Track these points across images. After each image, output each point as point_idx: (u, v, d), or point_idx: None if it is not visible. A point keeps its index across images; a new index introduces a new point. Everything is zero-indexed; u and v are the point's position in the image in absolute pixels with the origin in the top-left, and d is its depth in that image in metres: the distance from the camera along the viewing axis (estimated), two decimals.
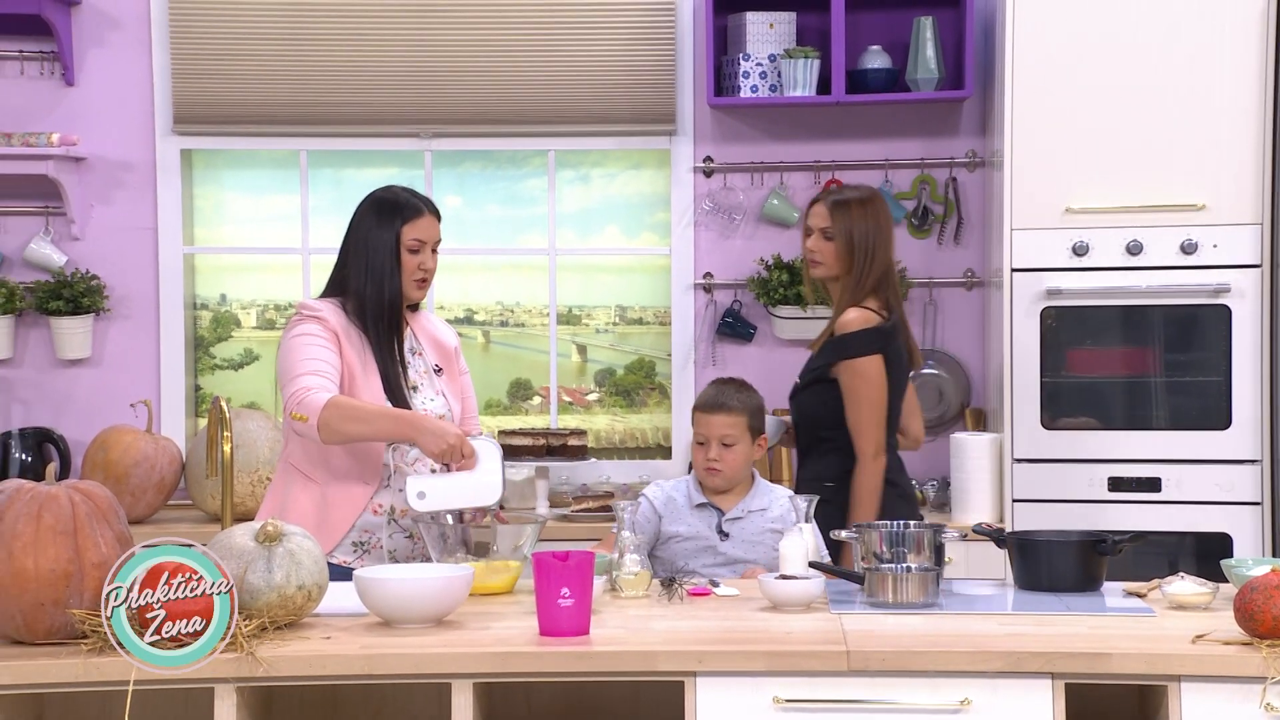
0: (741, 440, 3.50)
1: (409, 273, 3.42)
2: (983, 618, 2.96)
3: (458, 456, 3.23)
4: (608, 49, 4.82)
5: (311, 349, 3.33)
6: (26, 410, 4.86)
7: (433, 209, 3.48)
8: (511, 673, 2.72)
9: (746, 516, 3.51)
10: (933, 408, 4.83)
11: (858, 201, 3.84)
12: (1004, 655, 2.69)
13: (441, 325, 3.63)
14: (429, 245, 3.44)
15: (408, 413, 3.32)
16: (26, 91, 4.81)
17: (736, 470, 3.50)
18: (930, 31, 4.64)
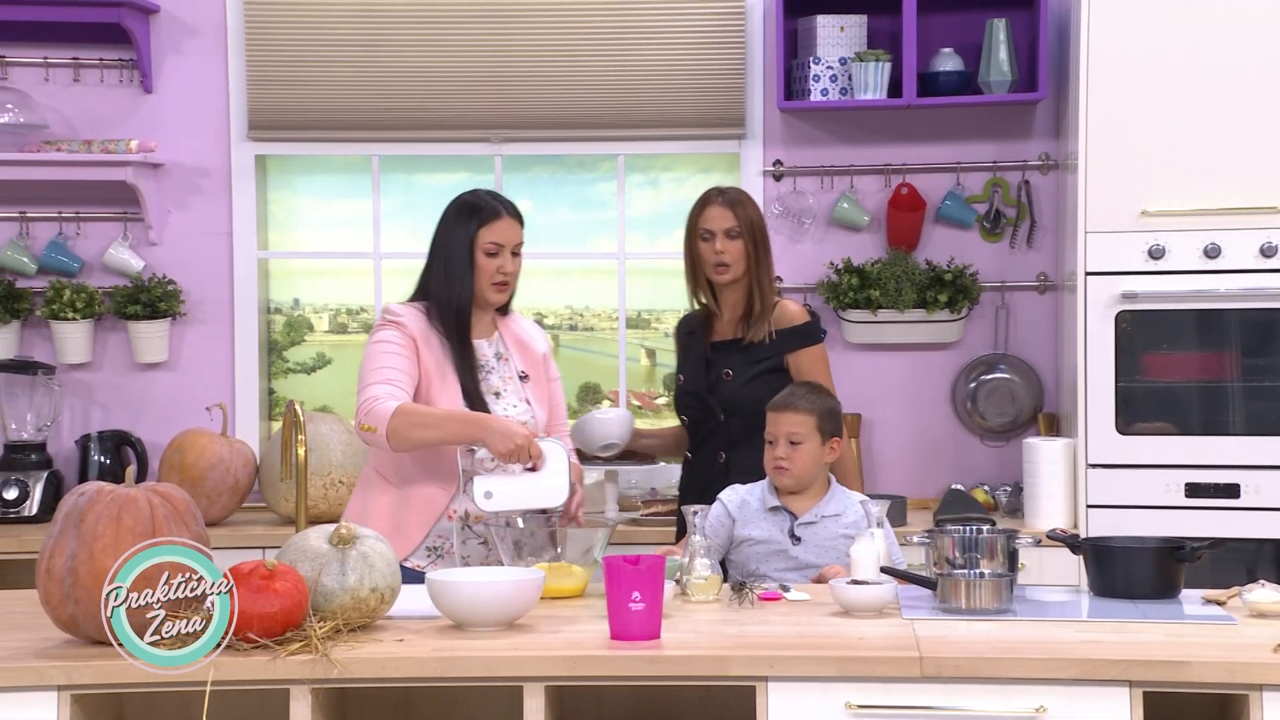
0: (809, 440, 3.49)
1: (486, 276, 3.42)
2: (1058, 624, 2.93)
3: (525, 457, 3.23)
4: (678, 53, 4.82)
5: (384, 357, 3.36)
6: (105, 413, 4.92)
7: (513, 211, 3.48)
8: (583, 676, 2.72)
9: (819, 521, 3.49)
10: (1005, 412, 4.80)
11: (747, 196, 3.91)
12: (1080, 663, 2.66)
13: (532, 330, 3.63)
14: (507, 248, 3.44)
15: (476, 414, 3.32)
16: (106, 99, 4.87)
17: (805, 470, 3.49)
18: (1003, 33, 4.60)
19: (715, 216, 3.87)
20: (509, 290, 3.49)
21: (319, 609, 2.78)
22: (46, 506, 4.62)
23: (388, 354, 3.37)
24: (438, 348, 3.41)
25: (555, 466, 3.25)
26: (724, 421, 3.86)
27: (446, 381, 3.39)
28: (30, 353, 4.85)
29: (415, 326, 3.41)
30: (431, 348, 3.40)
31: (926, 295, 4.72)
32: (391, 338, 3.39)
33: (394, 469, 3.42)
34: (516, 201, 3.63)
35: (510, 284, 3.48)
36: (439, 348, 3.41)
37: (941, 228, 4.85)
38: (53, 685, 2.64)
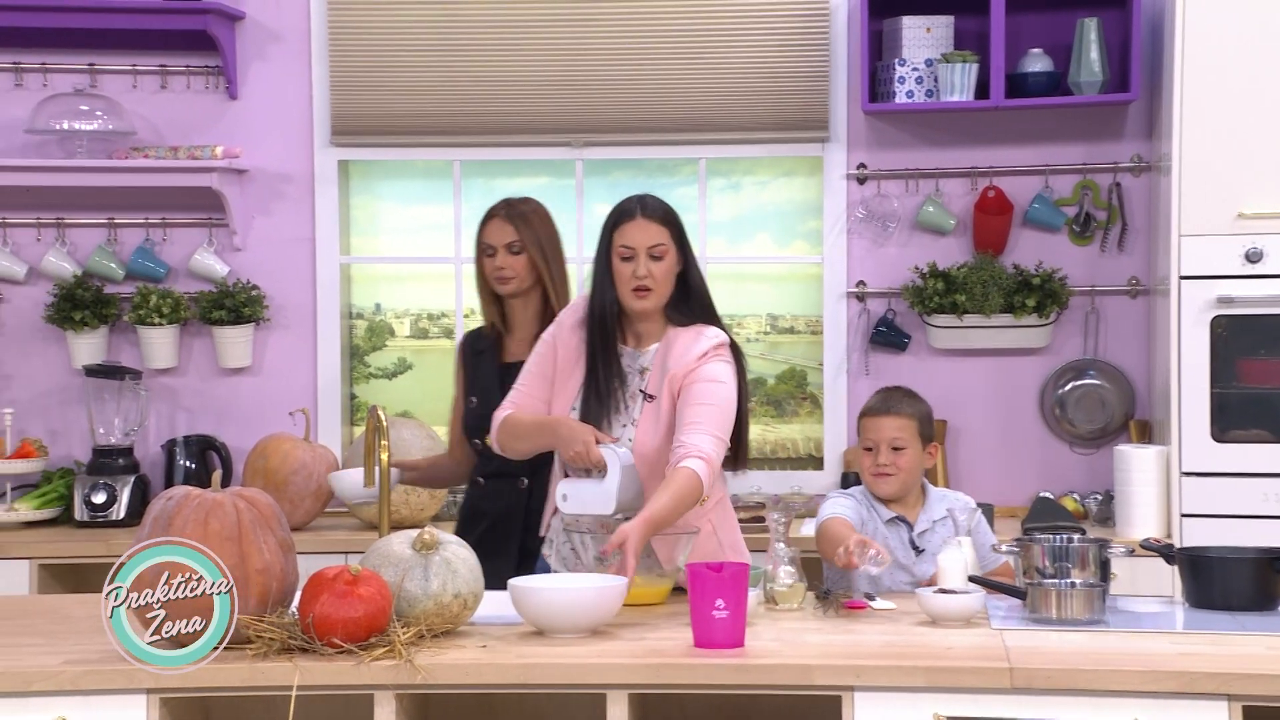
0: (911, 445, 3.44)
1: (623, 281, 3.26)
2: (1152, 636, 2.88)
3: (586, 462, 3.22)
4: (760, 55, 4.79)
5: (529, 360, 3.41)
6: (190, 418, 4.96)
7: (651, 211, 3.27)
8: (666, 684, 2.70)
9: (932, 528, 3.45)
10: (1095, 419, 4.74)
11: (535, 208, 3.74)
12: (1177, 675, 2.61)
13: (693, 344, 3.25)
14: (642, 252, 3.23)
15: (550, 419, 3.31)
16: (193, 106, 4.91)
17: (909, 476, 3.44)
18: (1094, 33, 4.54)
19: (495, 231, 3.68)
20: (652, 296, 3.25)
21: (402, 614, 2.79)
22: (133, 510, 4.66)
23: (531, 359, 3.41)
24: (575, 346, 3.35)
25: (610, 475, 3.21)
26: None
27: (567, 384, 3.35)
28: (118, 358, 4.91)
29: (568, 319, 3.39)
30: (569, 344, 3.36)
31: (1014, 300, 4.67)
32: (545, 335, 3.41)
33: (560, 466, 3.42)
34: (596, 206, 3.60)
35: (653, 288, 3.24)
36: (577, 346, 3.35)
37: (1029, 231, 4.80)
38: (141, 689, 2.67)
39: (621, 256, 3.26)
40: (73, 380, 4.91)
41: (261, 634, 2.71)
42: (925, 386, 4.64)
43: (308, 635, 2.71)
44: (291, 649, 2.71)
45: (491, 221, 3.70)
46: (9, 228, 4.91)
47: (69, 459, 4.90)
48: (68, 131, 4.76)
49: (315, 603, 2.71)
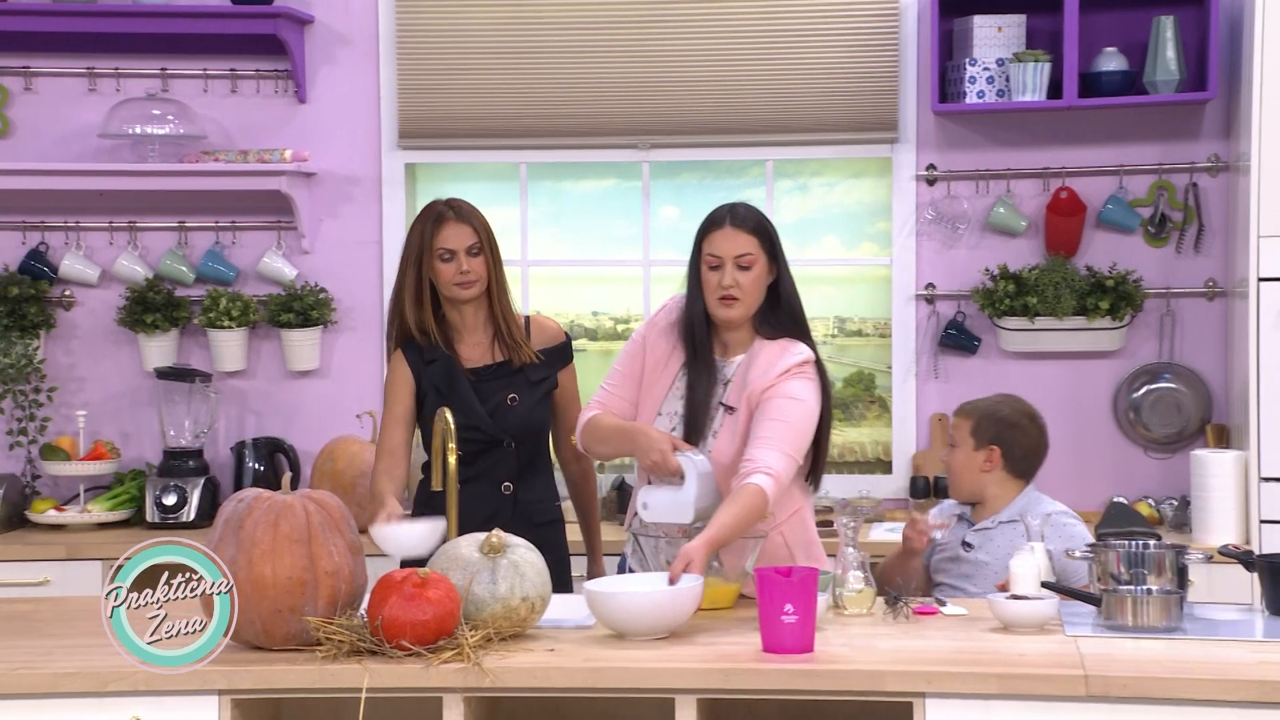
0: (962, 445, 3.51)
1: (710, 290, 3.23)
2: (1231, 644, 2.84)
3: (664, 471, 3.20)
4: (828, 56, 4.76)
5: (617, 360, 3.41)
6: (259, 420, 4.98)
7: (740, 220, 3.24)
8: (735, 689, 2.69)
9: (996, 528, 3.47)
10: (1170, 423, 4.69)
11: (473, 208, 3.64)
12: (1257, 685, 2.57)
13: (774, 358, 3.23)
14: (729, 260, 3.20)
15: (629, 426, 3.30)
16: (262, 109, 4.94)
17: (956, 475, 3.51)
18: (1171, 31, 4.48)
19: (453, 235, 3.56)
20: (739, 305, 3.22)
21: (470, 618, 2.79)
22: (203, 512, 4.69)
23: (619, 358, 3.40)
24: (665, 349, 3.34)
25: (687, 484, 3.20)
26: (513, 449, 3.60)
27: (655, 386, 3.34)
28: (188, 360, 4.94)
29: (659, 321, 3.37)
30: (659, 348, 3.34)
31: (1087, 302, 4.61)
32: (634, 336, 3.40)
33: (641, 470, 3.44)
34: (663, 209, 3.57)
35: (739, 298, 3.21)
36: (667, 350, 3.33)
37: (1103, 232, 4.74)
38: (213, 689, 2.69)
39: (709, 265, 3.24)
40: (144, 383, 4.95)
41: (331, 636, 2.72)
42: (996, 389, 4.61)
43: (376, 638, 2.72)
44: (361, 651, 2.73)
45: (446, 225, 3.54)
46: (82, 231, 4.96)
47: (140, 461, 4.94)
48: (140, 136, 4.80)
49: (384, 605, 2.72)
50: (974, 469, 3.49)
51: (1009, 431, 3.54)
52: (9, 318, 4.80)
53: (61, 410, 4.91)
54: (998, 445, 3.52)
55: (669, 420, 3.32)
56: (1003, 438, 3.53)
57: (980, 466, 3.49)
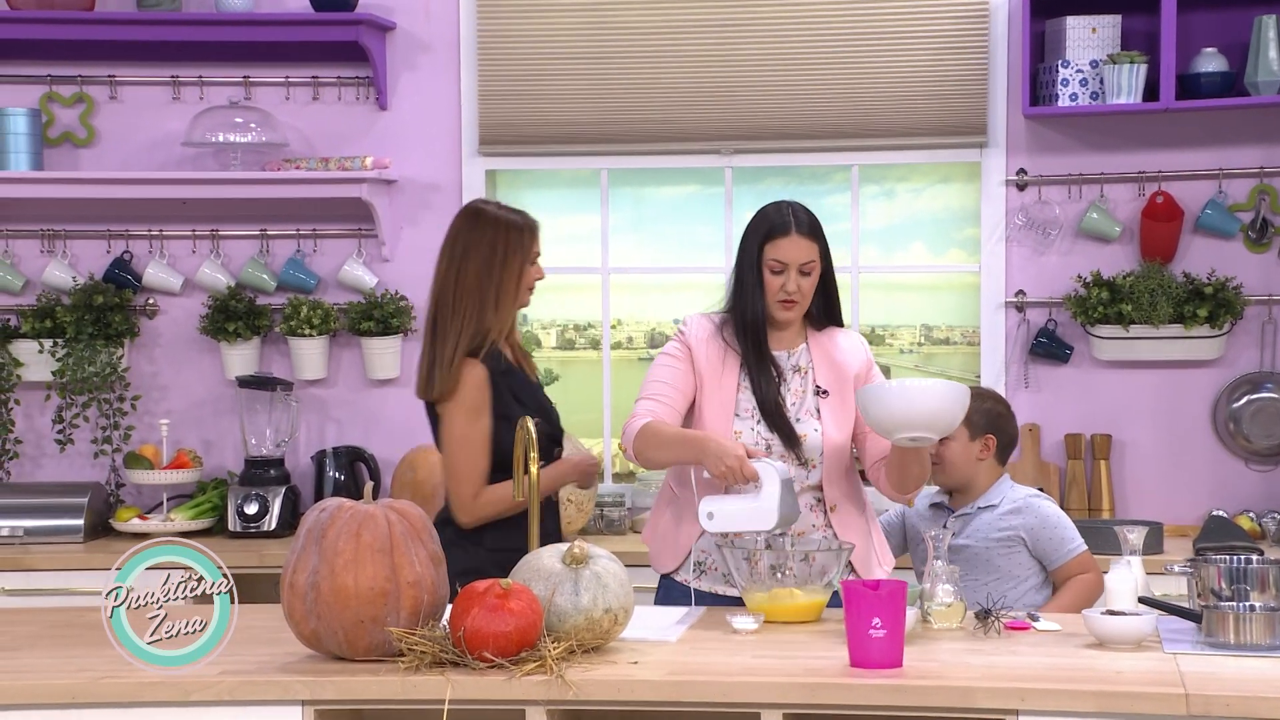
0: (956, 438, 3.58)
1: (771, 294, 3.33)
2: None
3: (738, 479, 3.17)
4: (915, 58, 4.69)
5: (656, 370, 3.41)
6: (339, 429, 4.99)
7: (805, 228, 3.33)
8: (822, 705, 2.66)
9: (975, 513, 3.61)
10: (1273, 434, 4.60)
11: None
12: None
13: (850, 344, 3.45)
14: (792, 267, 3.31)
15: (697, 434, 3.28)
16: (343, 116, 4.95)
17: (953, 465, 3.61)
18: (1273, 30, 4.38)
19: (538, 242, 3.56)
20: (797, 308, 3.35)
21: (552, 629, 2.78)
22: (285, 521, 4.70)
23: (660, 367, 3.41)
24: (716, 356, 3.38)
25: (768, 490, 3.17)
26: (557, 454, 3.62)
27: (719, 392, 3.36)
28: (269, 369, 4.95)
29: (697, 333, 3.41)
30: (710, 356, 3.38)
31: (1184, 309, 4.53)
32: (670, 350, 3.42)
33: (677, 482, 3.45)
34: (745, 214, 3.52)
35: (799, 303, 3.34)
36: (718, 356, 3.38)
37: (1201, 238, 4.64)
38: (297, 700, 2.69)
39: (773, 270, 3.33)
40: (226, 391, 4.97)
41: (413, 647, 2.72)
42: (1089, 400, 4.64)
43: (459, 649, 2.72)
44: (443, 662, 2.72)
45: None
46: (166, 240, 4.99)
47: (222, 470, 4.96)
48: (223, 144, 4.83)
49: (466, 616, 2.71)
50: (970, 458, 3.62)
51: (998, 421, 3.68)
52: (94, 326, 4.83)
53: (145, 419, 4.95)
54: (993, 434, 3.65)
55: (751, 422, 3.34)
56: (995, 427, 3.66)
57: (976, 455, 3.63)
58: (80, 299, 4.85)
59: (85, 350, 4.81)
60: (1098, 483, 4.62)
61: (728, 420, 3.33)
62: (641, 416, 3.32)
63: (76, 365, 4.80)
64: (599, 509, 4.65)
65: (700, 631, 3.06)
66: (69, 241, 4.99)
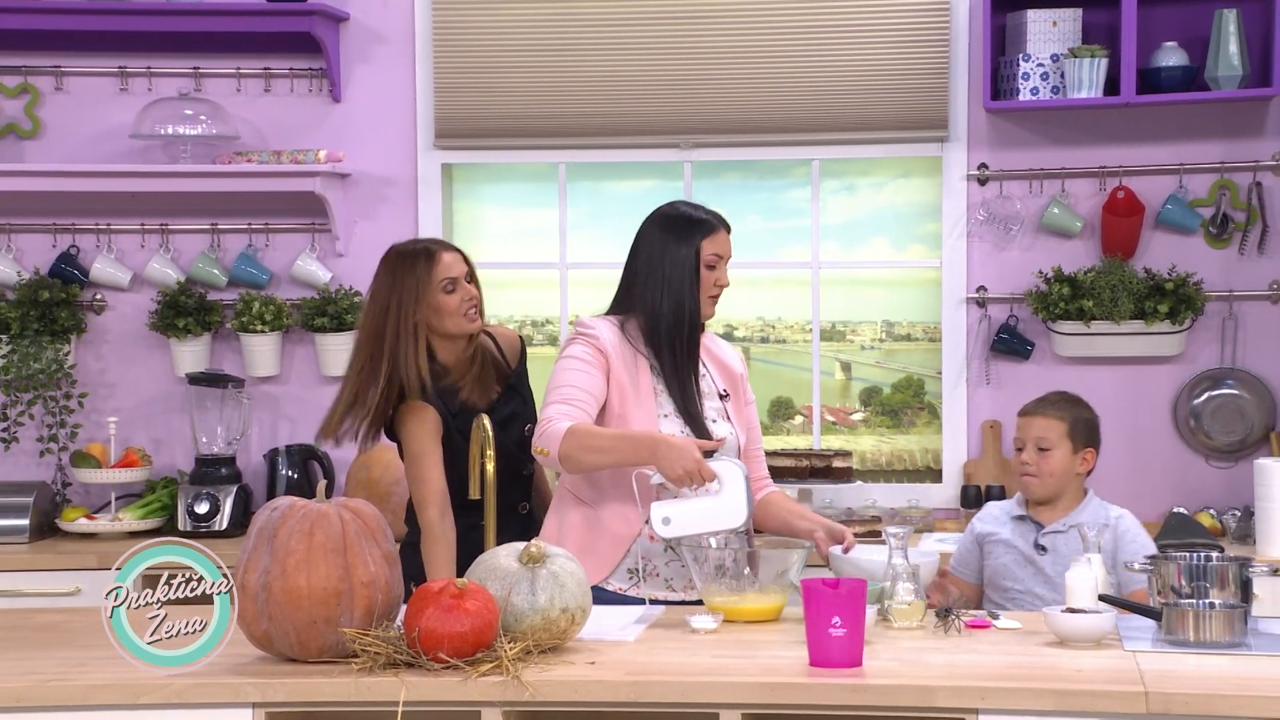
0: (1059, 447, 3.47)
1: (705, 289, 3.36)
2: None
3: (698, 480, 3.13)
4: (876, 52, 4.68)
5: (568, 374, 3.30)
6: (292, 427, 4.93)
7: (725, 223, 3.42)
8: (781, 704, 2.65)
9: (1068, 531, 3.43)
10: (1233, 430, 4.61)
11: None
12: None
13: (727, 349, 3.53)
14: (724, 260, 3.38)
15: (646, 434, 3.22)
16: (296, 109, 4.90)
17: (1053, 478, 3.47)
18: (1234, 24, 4.39)
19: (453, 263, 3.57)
20: (717, 302, 3.42)
21: (509, 629, 2.76)
22: (236, 521, 4.64)
23: (572, 370, 3.30)
24: (631, 363, 3.34)
25: (732, 487, 3.15)
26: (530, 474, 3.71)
27: (641, 398, 3.32)
28: (221, 365, 4.90)
29: (607, 336, 3.34)
30: (625, 363, 3.34)
31: (1145, 305, 4.53)
32: (580, 353, 3.32)
33: (586, 487, 3.36)
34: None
35: (720, 297, 3.41)
36: (633, 363, 3.34)
37: (1162, 233, 4.65)
38: (247, 702, 2.67)
39: (709, 265, 3.36)
40: (176, 388, 4.91)
41: (367, 648, 2.70)
42: None
43: (413, 650, 2.70)
44: (397, 663, 2.70)
45: (446, 254, 3.52)
46: (113, 234, 4.92)
47: (172, 468, 4.90)
48: (172, 136, 4.76)
49: (421, 617, 2.68)
50: (1071, 472, 3.50)
51: (1097, 432, 3.57)
52: (39, 322, 4.77)
53: (92, 416, 4.88)
54: (1093, 448, 3.54)
55: (679, 424, 3.32)
56: (1096, 439, 3.56)
57: (1077, 469, 3.51)
58: (25, 294, 4.77)
59: (31, 347, 4.74)
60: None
61: (654, 424, 3.29)
62: (560, 419, 3.21)
63: (22, 362, 4.73)
64: None
65: (658, 631, 3.04)
66: (14, 236, 4.91)
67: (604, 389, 3.30)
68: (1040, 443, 3.48)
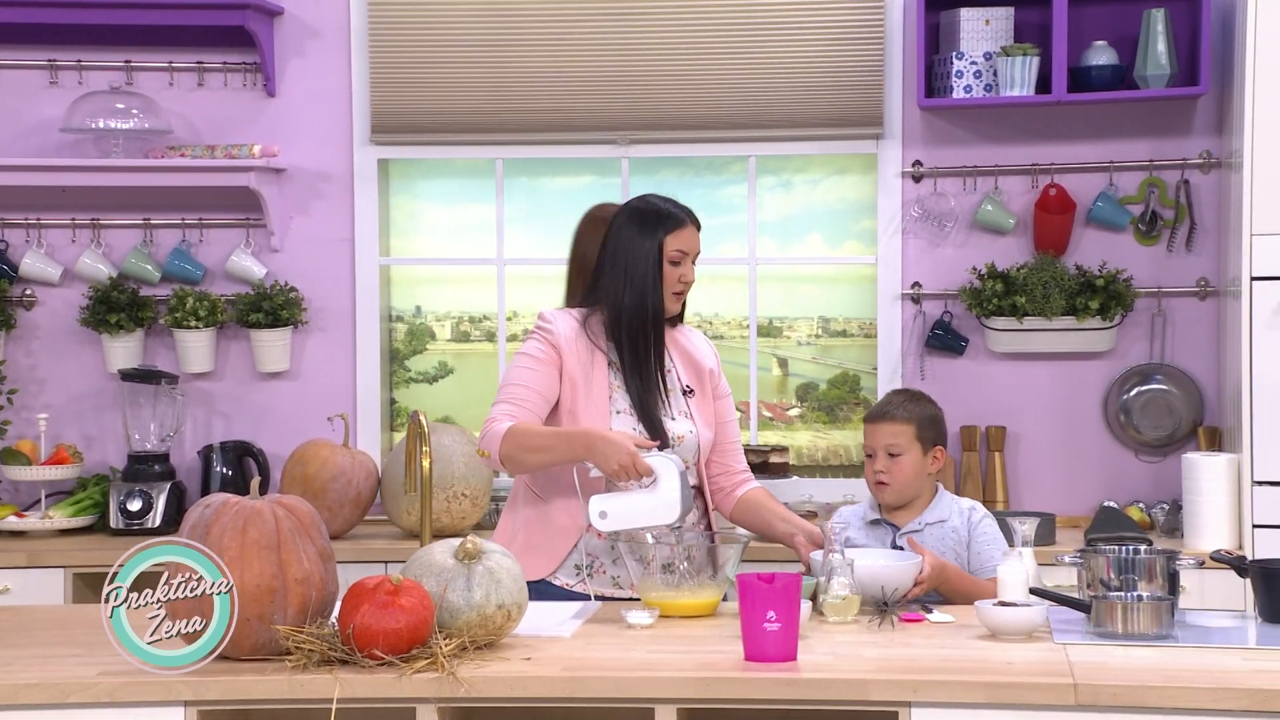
0: (909, 451, 3.39)
1: (669, 285, 3.35)
2: (1223, 652, 2.80)
3: (634, 475, 3.14)
4: (812, 49, 4.70)
5: (517, 373, 3.31)
6: (227, 423, 4.90)
7: (694, 219, 3.40)
8: (716, 699, 2.65)
9: (924, 530, 3.38)
10: (1162, 425, 4.65)
11: None
12: (1249, 693, 2.53)
13: (700, 343, 3.51)
14: (690, 256, 3.37)
15: (582, 431, 3.23)
16: (230, 103, 4.86)
17: (906, 483, 3.39)
18: (1162, 24, 4.43)
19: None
20: (683, 299, 3.42)
21: (444, 626, 2.74)
22: (169, 518, 4.61)
23: (521, 369, 3.31)
24: (586, 356, 3.34)
25: (667, 484, 3.15)
26: None
27: (594, 395, 3.32)
28: (154, 362, 4.86)
29: (564, 331, 3.34)
30: (580, 357, 3.33)
31: (1076, 302, 4.56)
32: (532, 350, 3.33)
33: (539, 483, 3.37)
34: None
35: (686, 293, 3.40)
36: (588, 357, 3.34)
37: (1093, 230, 4.69)
38: (179, 700, 2.64)
39: (672, 261, 3.34)
40: (108, 385, 4.86)
41: (301, 645, 2.68)
42: (983, 392, 4.66)
43: (348, 646, 2.68)
44: (332, 660, 2.68)
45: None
46: (44, 229, 4.86)
47: (104, 465, 4.85)
48: (103, 130, 4.71)
49: (356, 613, 2.67)
50: (923, 474, 3.42)
51: (942, 428, 3.48)
52: None
53: (22, 413, 4.82)
54: (942, 445, 3.46)
55: (632, 421, 3.31)
56: (942, 436, 3.47)
57: (929, 469, 3.43)
58: None
59: None
60: (992, 475, 4.65)
61: (605, 422, 3.29)
62: (501, 420, 3.23)
63: None
64: (494, 502, 4.60)
65: (595, 627, 3.03)
66: None
67: (555, 386, 3.31)
68: (891, 449, 3.37)
